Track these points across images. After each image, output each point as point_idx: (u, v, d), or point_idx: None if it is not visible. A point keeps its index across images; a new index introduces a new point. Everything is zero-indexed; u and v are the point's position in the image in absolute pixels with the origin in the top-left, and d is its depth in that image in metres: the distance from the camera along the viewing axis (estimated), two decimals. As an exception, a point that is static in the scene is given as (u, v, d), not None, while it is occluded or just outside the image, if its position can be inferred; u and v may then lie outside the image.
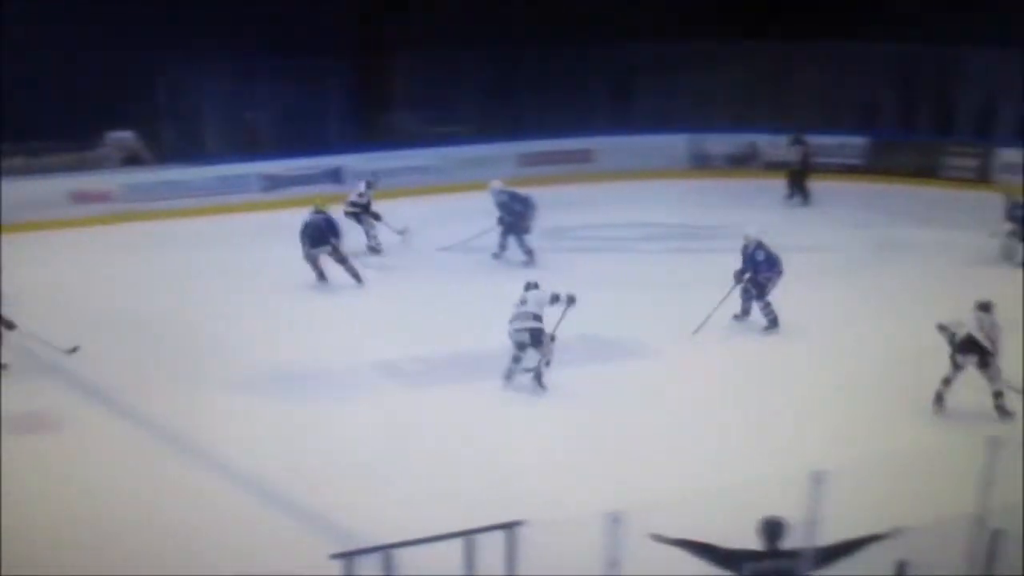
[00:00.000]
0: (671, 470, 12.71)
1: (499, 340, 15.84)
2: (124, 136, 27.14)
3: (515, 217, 21.73)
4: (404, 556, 8.03)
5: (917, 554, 8.58)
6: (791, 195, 27.67)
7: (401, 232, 22.64)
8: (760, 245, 18.22)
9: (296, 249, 20.24)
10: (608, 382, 15.85)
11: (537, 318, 15.57)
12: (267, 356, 16.70)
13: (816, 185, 27.47)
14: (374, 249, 22.51)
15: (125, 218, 24.81)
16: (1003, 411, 14.40)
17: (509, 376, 15.67)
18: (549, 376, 15.54)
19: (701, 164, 30.24)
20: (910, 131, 29.69)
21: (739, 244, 18.37)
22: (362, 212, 22.59)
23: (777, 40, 30.46)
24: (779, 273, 18.14)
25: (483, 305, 18.08)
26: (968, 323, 14.72)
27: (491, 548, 8.06)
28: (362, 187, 22.87)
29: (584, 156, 29.04)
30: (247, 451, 13.34)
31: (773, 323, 18.10)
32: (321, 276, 20.29)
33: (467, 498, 11.78)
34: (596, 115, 30.40)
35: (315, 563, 8.48)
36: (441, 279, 20.93)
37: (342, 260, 20.23)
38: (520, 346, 15.57)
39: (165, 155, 27.25)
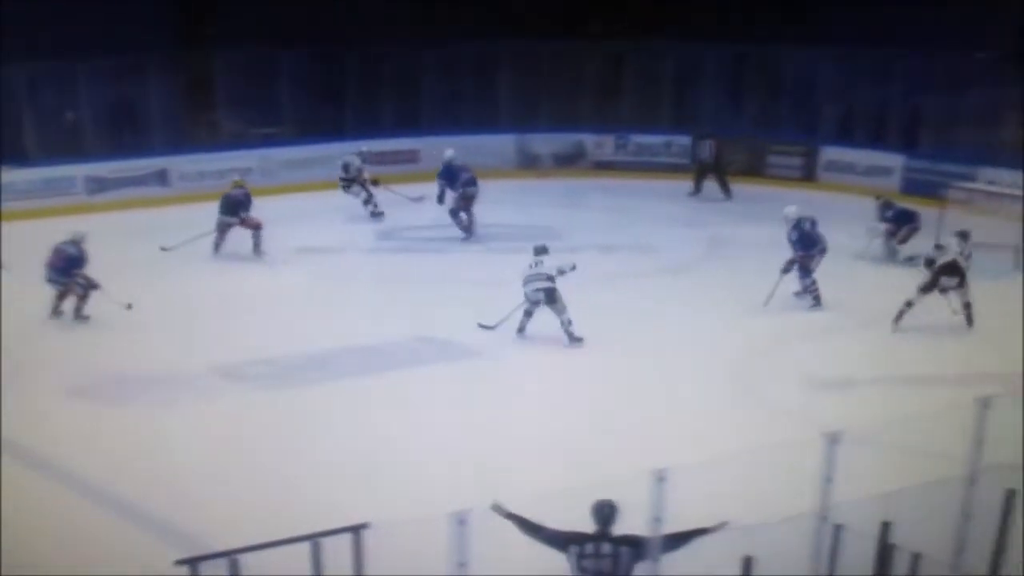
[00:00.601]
0: (514, 471, 12.48)
1: (348, 341, 16.15)
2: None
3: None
4: (250, 561, 7.95)
5: (762, 550, 8.59)
6: (696, 191, 28.10)
7: (417, 200, 24.39)
8: (797, 224, 19.27)
9: (133, 253, 20.15)
10: (446, 382, 15.74)
11: (551, 279, 17.12)
12: (106, 362, 16.19)
13: (643, 185, 27.62)
14: (375, 215, 24.80)
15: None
16: (971, 320, 17.79)
17: (522, 329, 17.37)
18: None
19: (529, 164, 30.16)
20: (735, 130, 29.88)
21: (570, 242, 18.40)
22: (353, 184, 24.78)
23: (603, 39, 30.61)
24: (821, 251, 19.19)
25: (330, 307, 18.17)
26: (950, 249, 17.73)
27: (339, 550, 7.96)
28: (353, 159, 24.88)
29: (411, 156, 28.79)
30: (88, 458, 12.94)
31: (817, 301, 18.92)
32: (216, 248, 21.58)
33: (314, 501, 11.58)
34: (423, 115, 30.12)
35: (160, 569, 8.27)
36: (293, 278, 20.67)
37: (255, 227, 21.59)
38: (534, 303, 17.22)
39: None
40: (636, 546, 8.38)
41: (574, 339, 17.05)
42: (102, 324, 17.71)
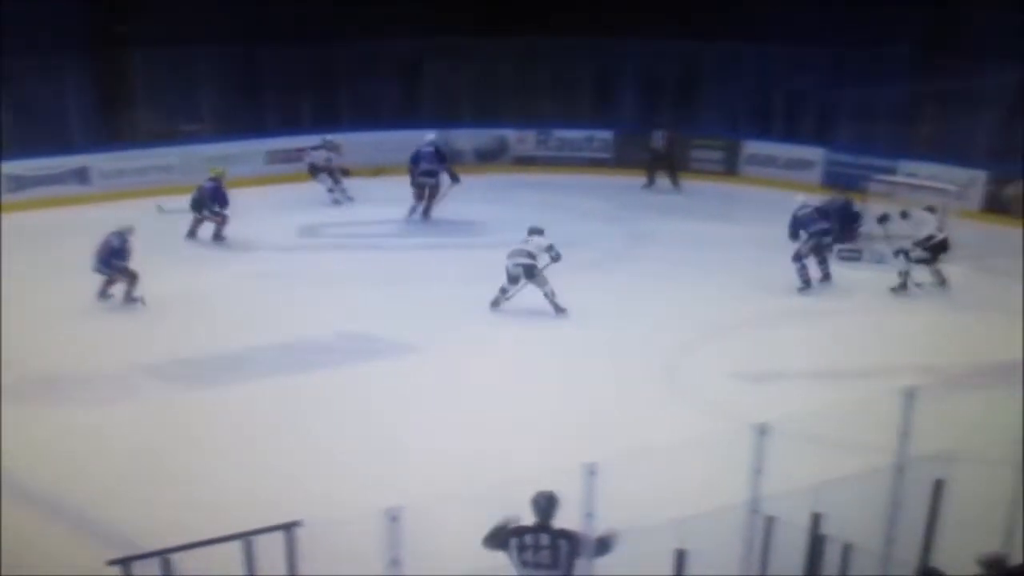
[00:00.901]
0: (444, 467, 12.54)
1: (272, 339, 16.18)
2: None
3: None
4: (183, 560, 7.93)
5: (695, 543, 8.59)
6: (650, 183, 28.26)
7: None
8: (804, 206, 20.19)
9: (54, 251, 20.06)
10: (371, 379, 15.66)
11: (532, 256, 18.11)
12: (34, 362, 15.89)
13: (565, 179, 27.64)
14: (337, 201, 25.99)
15: None
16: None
17: (496, 303, 18.29)
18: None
19: (451, 159, 29.95)
20: (656, 125, 29.95)
21: (495, 238, 18.44)
22: (320, 171, 25.99)
23: (521, 35, 30.58)
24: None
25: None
26: (927, 223, 19.35)
27: (271, 549, 7.98)
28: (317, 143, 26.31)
29: (332, 150, 28.35)
30: (16, 459, 12.64)
31: (827, 277, 20.04)
32: (191, 234, 22.58)
33: (237, 500, 11.49)
34: (343, 111, 29.94)
35: (87, 569, 8.38)
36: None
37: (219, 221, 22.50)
38: (514, 279, 18.15)
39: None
40: (573, 540, 8.40)
41: (559, 310, 18.02)
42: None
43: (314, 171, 26.37)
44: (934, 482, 9.06)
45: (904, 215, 19.93)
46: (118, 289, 18.52)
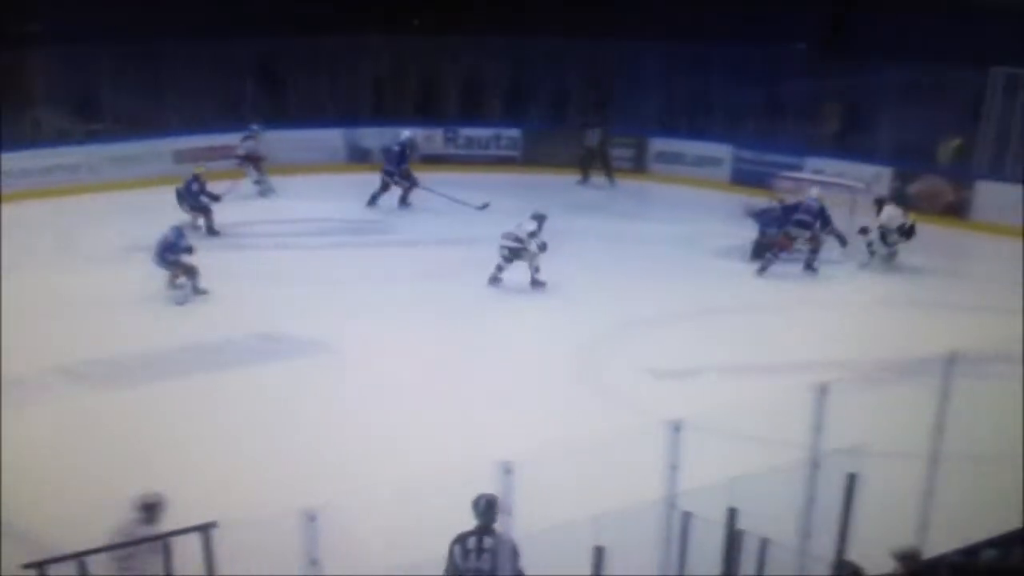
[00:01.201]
0: (360, 465, 12.53)
1: (184, 339, 16.16)
2: None
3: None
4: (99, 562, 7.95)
5: (613, 540, 8.60)
6: (584, 180, 28.50)
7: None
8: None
9: None
10: (287, 378, 15.61)
11: (518, 240, 19.58)
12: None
13: (473, 178, 27.60)
14: (263, 193, 26.40)
15: None
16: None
17: (492, 281, 19.53)
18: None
19: (358, 158, 29.86)
20: (563, 122, 30.04)
21: (406, 236, 18.36)
22: (248, 162, 26.53)
23: (428, 33, 30.54)
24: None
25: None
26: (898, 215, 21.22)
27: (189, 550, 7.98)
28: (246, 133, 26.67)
29: (247, 163, 28.05)
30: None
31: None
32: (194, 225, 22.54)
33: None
34: (247, 110, 29.63)
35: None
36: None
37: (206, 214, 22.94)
38: (504, 258, 19.53)
39: None
40: (515, 544, 8.40)
41: (537, 283, 19.51)
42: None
43: (243, 162, 26.43)
44: (847, 476, 9.10)
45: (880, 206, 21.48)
46: (183, 282, 18.90)
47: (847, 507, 9.13)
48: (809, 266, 20.67)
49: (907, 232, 21.16)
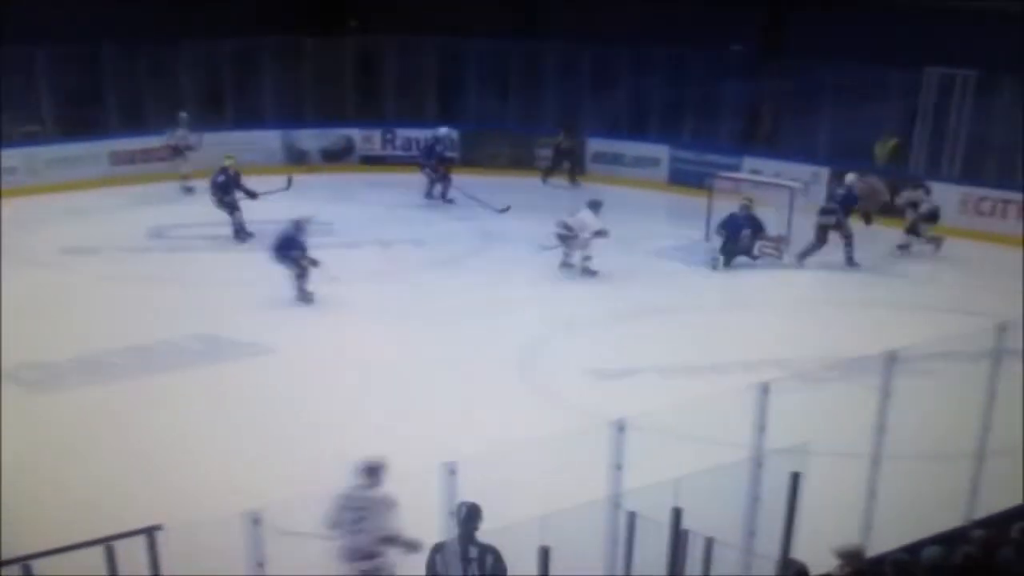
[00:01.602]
0: (302, 467, 12.48)
1: (122, 341, 16.17)
2: None
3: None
4: (43, 565, 7.84)
5: (558, 540, 8.58)
6: (545, 181, 28.63)
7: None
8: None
9: None
10: (226, 380, 15.62)
11: (568, 228, 20.42)
12: None
13: (412, 178, 27.50)
14: (189, 190, 26.21)
15: None
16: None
17: (562, 265, 20.56)
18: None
19: (297, 159, 29.68)
20: (501, 123, 29.99)
21: (346, 237, 18.29)
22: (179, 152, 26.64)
23: (365, 34, 30.43)
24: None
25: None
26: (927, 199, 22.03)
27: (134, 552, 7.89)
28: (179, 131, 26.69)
29: (177, 153, 27.85)
30: None
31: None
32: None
33: (104, 503, 11.41)
34: (186, 111, 29.35)
35: None
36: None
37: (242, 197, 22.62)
38: (557, 238, 20.57)
39: None
40: (497, 554, 8.54)
41: (587, 272, 20.25)
42: None
43: (174, 153, 26.55)
44: (791, 475, 9.12)
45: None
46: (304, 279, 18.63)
47: (791, 506, 9.15)
48: (850, 260, 21.36)
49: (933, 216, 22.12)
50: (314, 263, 18.50)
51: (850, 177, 22.06)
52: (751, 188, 22.84)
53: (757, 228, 21.22)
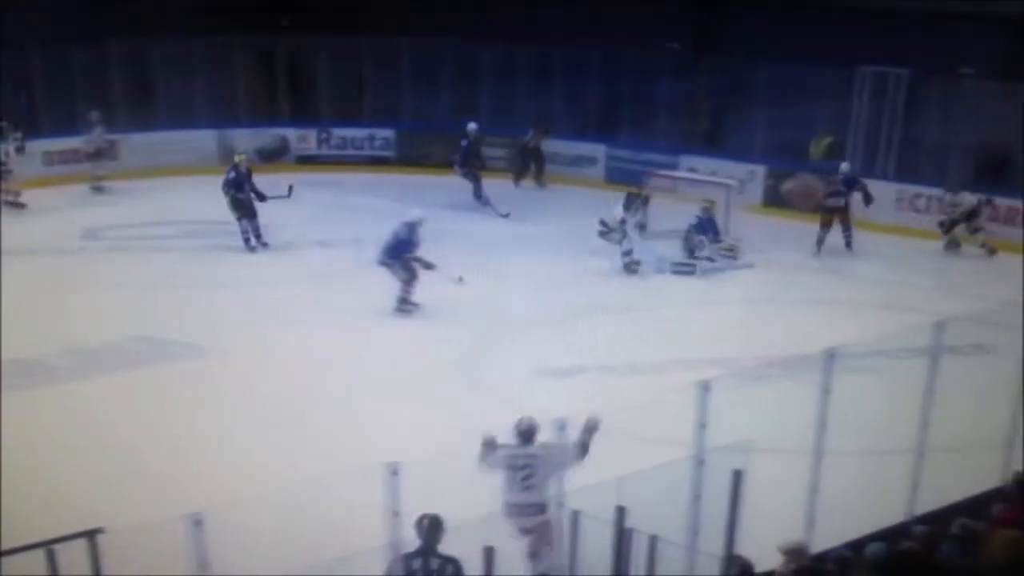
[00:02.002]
0: (239, 469, 12.47)
1: (60, 344, 16.14)
2: None
3: None
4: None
5: (503, 540, 8.63)
6: (517, 184, 28.47)
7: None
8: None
9: None
10: (162, 382, 15.49)
11: (604, 224, 20.76)
12: None
13: (348, 178, 27.46)
14: (99, 190, 26.27)
15: None
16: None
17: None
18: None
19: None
20: (436, 123, 29.94)
21: (284, 238, 18.29)
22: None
23: (298, 33, 30.32)
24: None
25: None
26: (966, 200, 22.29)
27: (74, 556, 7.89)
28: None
29: (110, 153, 27.58)
30: None
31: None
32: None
33: (43, 508, 11.30)
34: (118, 111, 29.07)
35: None
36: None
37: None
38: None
39: None
40: (458, 565, 8.54)
41: (629, 268, 20.57)
42: None
43: (93, 158, 26.27)
44: (733, 473, 9.16)
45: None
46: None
47: (734, 503, 9.20)
48: (849, 244, 22.28)
49: (971, 214, 22.36)
50: (428, 266, 18.05)
51: (845, 166, 22.88)
52: (687, 186, 22.97)
53: (716, 232, 21.31)
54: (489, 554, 8.63)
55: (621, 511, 9.23)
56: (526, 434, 10.05)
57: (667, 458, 9.75)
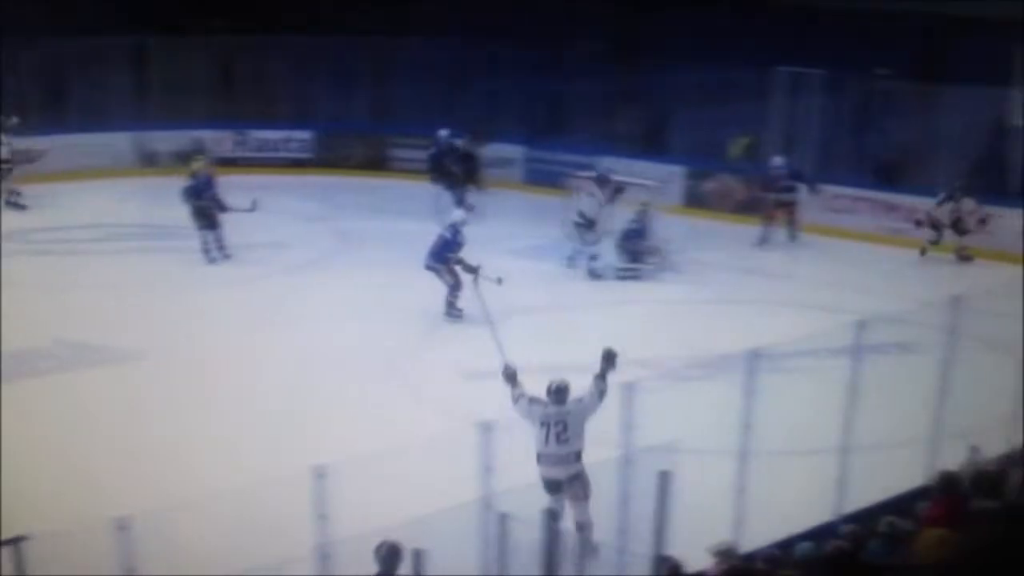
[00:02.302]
0: (171, 473, 12.45)
1: None
2: None
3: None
4: None
5: (432, 542, 8.56)
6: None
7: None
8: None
9: None
10: (92, 386, 15.42)
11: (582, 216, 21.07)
12: None
13: (266, 180, 27.26)
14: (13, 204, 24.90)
15: None
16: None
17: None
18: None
19: (147, 162, 29.16)
20: (355, 123, 29.81)
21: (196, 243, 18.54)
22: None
23: (217, 33, 30.03)
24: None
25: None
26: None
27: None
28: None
29: (26, 156, 27.08)
30: None
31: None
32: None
33: None
34: (30, 114, 28.60)
35: None
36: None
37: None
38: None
39: None
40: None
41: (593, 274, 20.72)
42: None
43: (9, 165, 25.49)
44: (660, 473, 9.16)
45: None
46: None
47: (661, 504, 9.19)
48: (793, 237, 22.90)
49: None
50: (470, 269, 17.62)
51: (779, 159, 23.28)
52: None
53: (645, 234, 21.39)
54: (418, 557, 8.58)
55: (551, 513, 9.19)
56: (559, 394, 11.08)
57: (594, 459, 9.78)
